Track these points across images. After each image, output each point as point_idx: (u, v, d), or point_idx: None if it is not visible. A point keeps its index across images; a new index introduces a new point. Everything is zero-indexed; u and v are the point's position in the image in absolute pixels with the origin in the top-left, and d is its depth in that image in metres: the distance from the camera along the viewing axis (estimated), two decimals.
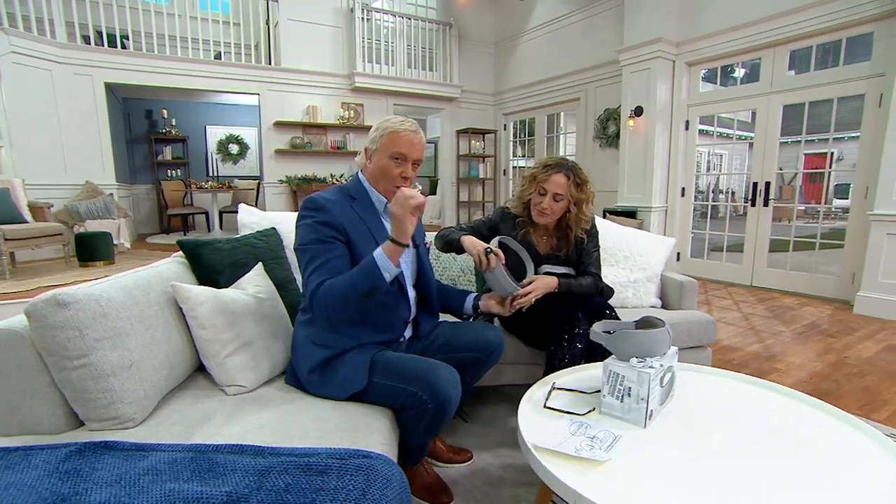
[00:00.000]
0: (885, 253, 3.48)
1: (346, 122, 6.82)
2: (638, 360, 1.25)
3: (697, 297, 2.88)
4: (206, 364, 1.35)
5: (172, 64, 5.92)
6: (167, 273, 1.43)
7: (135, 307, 1.18)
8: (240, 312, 1.40)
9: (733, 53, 4.71)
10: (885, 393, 2.28)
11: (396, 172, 1.37)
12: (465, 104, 8.03)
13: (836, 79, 4.02)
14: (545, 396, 1.35)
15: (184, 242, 1.58)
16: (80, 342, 1.04)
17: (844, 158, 11.24)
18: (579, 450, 1.07)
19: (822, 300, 4.08)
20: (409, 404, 1.25)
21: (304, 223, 1.32)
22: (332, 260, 1.28)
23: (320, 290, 1.24)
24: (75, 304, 1.05)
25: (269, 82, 6.41)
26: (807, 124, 4.37)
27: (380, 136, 1.37)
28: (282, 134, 6.59)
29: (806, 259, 4.71)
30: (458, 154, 8.20)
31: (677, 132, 5.31)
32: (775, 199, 4.58)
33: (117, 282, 1.21)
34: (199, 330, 1.32)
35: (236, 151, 8.98)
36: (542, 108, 7.31)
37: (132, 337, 1.14)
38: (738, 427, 1.19)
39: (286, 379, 1.43)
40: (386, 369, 1.29)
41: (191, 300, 1.32)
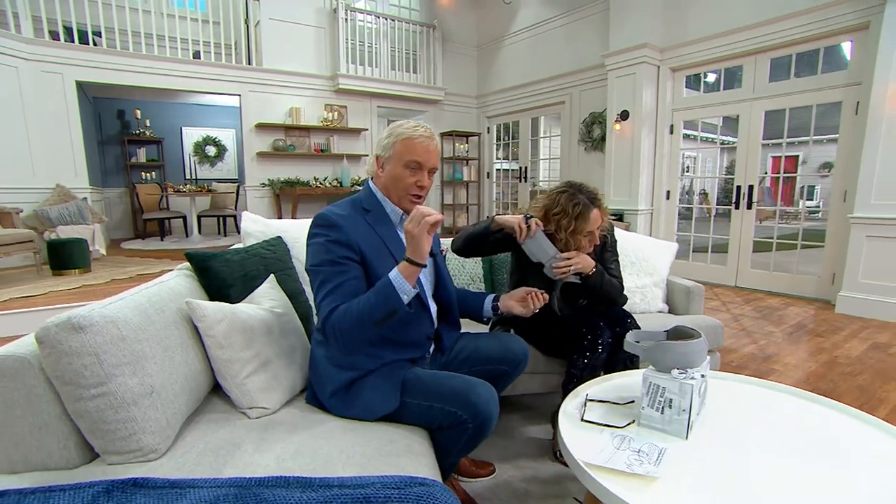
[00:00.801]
0: (864, 254, 3.60)
1: (330, 124, 6.69)
2: (679, 372, 1.24)
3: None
4: (224, 385, 1.26)
5: (148, 63, 5.69)
6: (178, 288, 1.34)
7: (152, 328, 1.09)
8: (258, 329, 1.32)
9: (716, 60, 4.81)
10: (879, 391, 2.34)
11: (412, 181, 1.31)
12: (448, 107, 7.99)
13: (814, 87, 4.15)
14: (580, 409, 1.33)
15: (192, 254, 1.48)
16: (97, 369, 0.95)
17: (809, 162, 11.70)
18: (630, 465, 1.06)
19: (805, 300, 4.20)
20: (447, 424, 1.20)
21: (316, 242, 1.23)
22: (345, 283, 1.19)
23: (333, 316, 1.16)
24: (91, 327, 0.96)
25: (250, 83, 6.23)
26: (775, 129, 4.51)
27: (392, 143, 1.30)
28: (264, 136, 6.42)
29: (782, 259, 4.84)
30: (443, 157, 8.14)
31: (662, 136, 5.39)
32: (752, 201, 4.69)
33: (130, 300, 1.11)
34: (216, 350, 1.24)
35: (214, 154, 8.71)
36: (526, 111, 7.33)
37: (151, 361, 1.05)
38: (774, 433, 1.20)
39: (307, 399, 1.36)
40: (419, 389, 1.24)
41: (207, 318, 1.23)
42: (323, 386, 1.30)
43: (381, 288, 1.16)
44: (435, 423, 1.22)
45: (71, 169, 5.48)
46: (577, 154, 6.54)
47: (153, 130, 8.08)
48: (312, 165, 6.74)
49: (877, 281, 3.55)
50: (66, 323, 0.94)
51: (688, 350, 1.26)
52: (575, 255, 1.64)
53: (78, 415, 0.97)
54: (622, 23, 5.27)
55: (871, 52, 3.61)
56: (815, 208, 10.91)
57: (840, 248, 3.96)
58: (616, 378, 1.55)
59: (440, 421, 1.21)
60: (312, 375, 1.35)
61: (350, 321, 1.15)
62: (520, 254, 1.86)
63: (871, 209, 3.53)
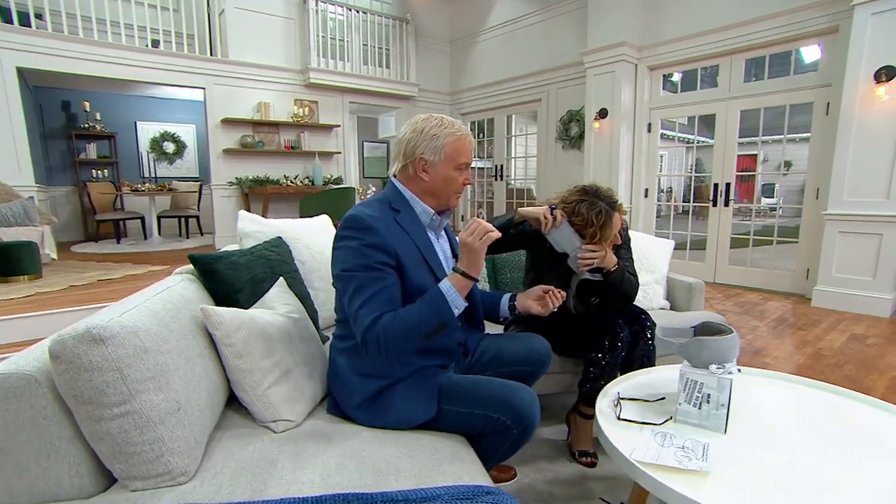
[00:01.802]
0: (837, 249, 3.81)
1: (300, 119, 6.52)
2: (717, 367, 1.26)
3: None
4: (244, 398, 1.19)
5: (100, 50, 5.35)
6: (187, 294, 1.25)
7: (171, 338, 1.02)
8: (277, 337, 1.26)
9: (693, 59, 4.98)
10: (866, 380, 2.47)
11: (461, 181, 1.30)
12: (421, 103, 7.94)
13: (787, 87, 4.36)
14: (613, 408, 1.33)
15: (197, 257, 1.39)
16: (120, 385, 0.87)
17: (769, 160, 12.31)
18: (681, 461, 1.07)
19: (781, 295, 4.40)
20: (489, 430, 1.18)
21: (348, 245, 1.17)
22: (384, 290, 1.14)
23: (378, 326, 1.10)
24: (113, 339, 0.88)
25: (215, 76, 5.98)
26: (742, 128, 4.75)
27: (442, 144, 1.25)
28: (230, 132, 6.18)
29: (751, 255, 5.07)
30: None
31: (640, 134, 5.54)
32: (730, 199, 4.89)
33: (145, 308, 1.03)
34: (235, 360, 1.16)
35: (172, 150, 8.32)
36: (502, 108, 7.38)
37: (175, 374, 0.97)
38: (809, 425, 1.25)
39: (328, 409, 1.31)
40: (457, 395, 1.21)
41: (224, 326, 1.16)
42: (348, 396, 1.25)
43: (432, 299, 1.14)
44: (476, 430, 1.20)
45: (13, 165, 5.09)
46: (554, 152, 6.63)
47: (104, 125, 7.64)
48: (282, 163, 6.55)
49: (849, 275, 3.76)
50: (86, 335, 0.85)
51: (724, 345, 1.28)
52: (599, 248, 1.64)
53: (97, 437, 0.88)
54: (600, 20, 5.38)
55: (841, 55, 3.82)
56: (773, 205, 11.48)
57: (813, 244, 4.18)
58: (637, 376, 1.58)
59: (482, 427, 1.18)
60: (335, 385, 1.30)
61: (398, 332, 1.10)
62: (535, 252, 1.85)
63: (843, 206, 3.73)
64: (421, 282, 1.21)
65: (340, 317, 1.30)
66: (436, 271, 1.27)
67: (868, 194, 3.60)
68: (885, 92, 3.40)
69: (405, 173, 1.30)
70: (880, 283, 3.62)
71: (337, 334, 1.33)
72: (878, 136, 3.52)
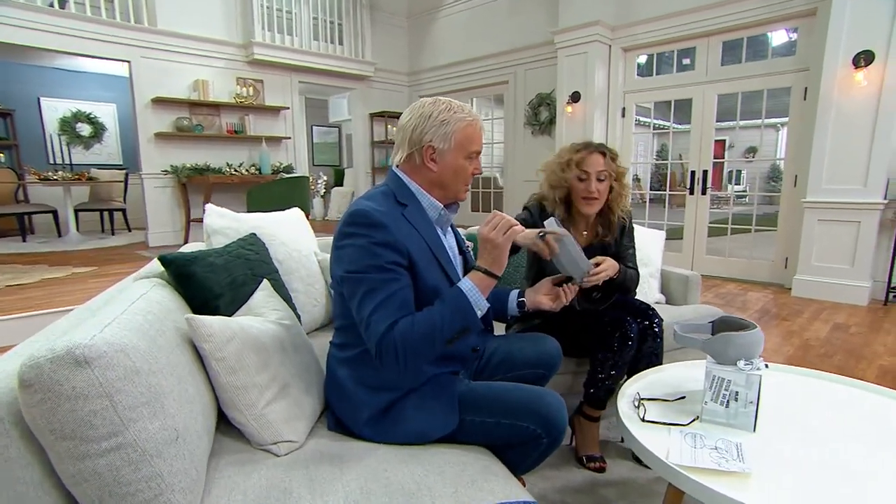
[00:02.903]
0: (816, 237, 4.05)
1: (244, 100, 6.26)
2: (745, 363, 1.30)
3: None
4: (237, 418, 1.12)
5: None
6: (165, 302, 1.16)
7: (161, 355, 0.93)
8: (272, 347, 1.19)
9: (668, 41, 5.14)
10: (855, 370, 2.65)
11: (470, 170, 1.27)
12: (378, 84, 7.82)
13: (764, 71, 4.58)
14: (635, 409, 1.35)
15: (170, 259, 1.29)
16: (111, 414, 0.79)
17: (735, 146, 13.00)
18: (719, 463, 1.10)
19: (760, 285, 4.65)
20: (517, 440, 1.18)
21: (354, 244, 1.12)
22: (398, 293, 1.10)
23: (395, 332, 1.06)
24: (100, 359, 0.79)
25: (142, 47, 5.62)
26: (726, 113, 4.98)
27: (452, 130, 1.21)
28: (163, 113, 5.84)
29: (723, 245, 5.35)
30: (373, 140, 7.97)
31: (614, 119, 5.68)
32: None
33: (126, 321, 0.94)
34: (228, 376, 1.09)
35: (88, 133, 7.79)
36: (465, 91, 7.37)
37: (170, 397, 0.89)
38: (836, 420, 1.31)
39: (329, 426, 1.26)
40: (479, 404, 1.20)
41: (214, 338, 1.08)
42: (354, 411, 1.21)
43: (453, 301, 1.11)
44: (502, 441, 1.19)
45: None
46: (522, 138, 6.69)
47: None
48: (225, 149, 6.27)
49: (828, 264, 4.01)
50: (67, 357, 0.76)
51: (749, 340, 1.32)
52: (605, 266, 1.64)
53: (81, 479, 0.79)
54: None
55: (819, 39, 4.05)
56: (742, 192, 12.16)
57: (792, 233, 4.43)
58: (650, 375, 1.61)
59: (509, 437, 1.18)
60: (336, 400, 1.25)
61: (417, 338, 1.07)
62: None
63: (822, 193, 3.97)
64: (434, 282, 1.18)
65: (341, 324, 1.25)
66: (448, 271, 1.25)
67: (846, 181, 3.85)
68: (863, 77, 3.64)
69: (410, 163, 1.26)
70: (858, 271, 3.89)
71: (337, 343, 1.28)
72: (856, 122, 3.76)
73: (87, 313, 1.10)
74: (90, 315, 1.04)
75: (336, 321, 1.28)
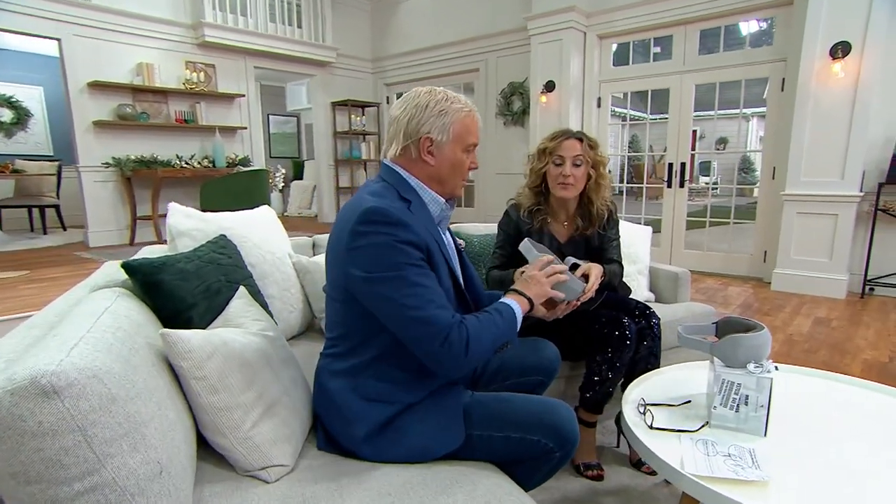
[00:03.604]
0: (795, 230, 4.21)
1: (195, 87, 6.02)
2: (755, 366, 1.31)
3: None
4: (220, 443, 1.05)
5: None
6: (133, 315, 1.08)
7: (137, 378, 0.86)
8: (256, 363, 1.13)
9: (645, 28, 5.22)
10: (840, 365, 2.75)
11: (468, 164, 1.26)
12: (340, 71, 7.67)
13: (741, 61, 4.71)
14: (640, 416, 1.35)
15: (135, 266, 1.20)
16: (84, 451, 0.72)
17: (706, 137, 13.40)
18: (736, 471, 1.11)
19: (740, 279, 4.80)
20: (528, 455, 1.16)
21: (375, 242, 1.08)
22: (439, 289, 1.13)
23: (468, 325, 1.10)
24: (70, 388, 0.72)
25: (75, 24, 5.30)
26: (699, 103, 5.13)
27: (451, 122, 1.19)
28: (102, 99, 5.55)
29: (700, 238, 5.52)
30: (336, 131, 7.82)
31: (590, 110, 5.74)
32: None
33: (94, 340, 0.86)
34: (209, 396, 1.02)
35: (10, 119, 7.31)
36: (433, 79, 7.31)
37: (151, 426, 0.82)
38: (847, 422, 1.34)
39: (319, 445, 1.21)
40: (486, 417, 1.18)
41: (193, 354, 1.01)
42: (350, 427, 1.16)
43: (508, 314, 1.17)
44: (512, 456, 1.17)
45: None
46: (494, 128, 6.69)
47: None
48: (174, 140, 6.03)
49: (808, 257, 4.17)
50: (31, 387, 0.69)
51: (759, 342, 1.33)
52: (589, 269, 1.62)
53: None
54: None
55: (797, 29, 4.19)
56: (713, 185, 12.54)
57: (770, 226, 4.58)
58: (650, 378, 1.62)
59: (519, 452, 1.16)
60: (328, 415, 1.20)
61: (486, 337, 1.12)
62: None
63: (801, 186, 4.12)
64: (446, 284, 1.17)
65: (342, 332, 1.20)
66: (455, 271, 1.24)
67: (824, 174, 4.00)
68: (840, 69, 3.78)
69: (406, 156, 1.22)
70: (836, 264, 4.05)
71: (331, 353, 1.23)
72: (833, 114, 3.90)
73: (40, 330, 1.00)
74: (46, 332, 0.96)
75: (333, 329, 1.23)
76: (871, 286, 4.12)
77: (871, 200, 4.00)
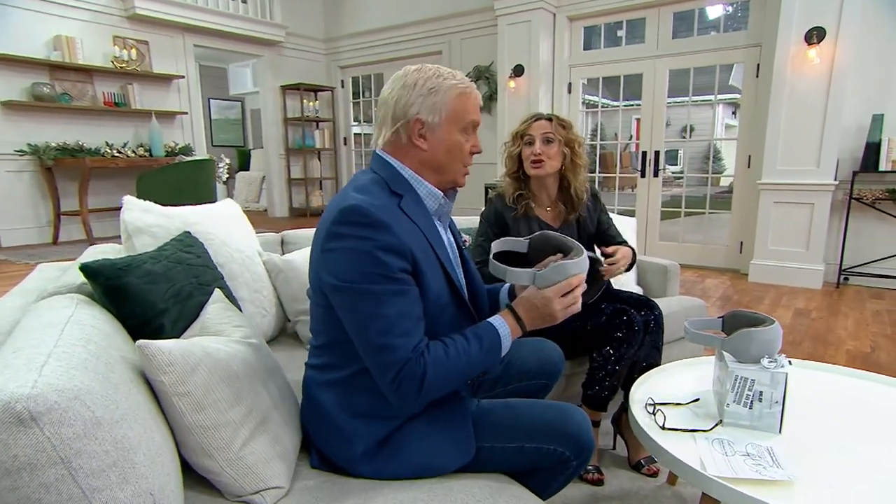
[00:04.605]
0: (772, 220, 4.38)
1: (125, 65, 5.73)
2: (769, 361, 1.34)
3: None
4: (207, 466, 0.99)
5: None
6: (101, 326, 1.01)
7: (119, 398, 0.80)
8: (244, 375, 1.07)
9: (617, 10, 5.31)
10: (825, 357, 2.89)
11: (468, 148, 1.20)
12: (289, 52, 7.49)
13: (716, 46, 4.86)
14: (651, 417, 1.36)
15: (96, 268, 1.12)
16: (69, 486, 0.66)
17: (672, 125, 13.82)
18: (759, 472, 1.13)
19: (717, 271, 4.97)
20: (544, 465, 1.15)
21: (350, 247, 1.03)
22: (412, 308, 1.05)
23: (426, 359, 1.02)
24: (50, 413, 0.66)
25: None
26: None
27: (443, 100, 1.13)
28: (12, 76, 5.22)
29: (671, 229, 5.71)
30: (286, 117, 7.62)
31: (560, 95, 5.81)
32: (659, 169, 5.38)
33: (66, 356, 0.79)
34: (194, 414, 0.96)
35: None
36: (392, 61, 7.24)
37: (139, 451, 0.76)
38: (861, 417, 1.39)
39: (312, 463, 1.17)
40: (497, 428, 1.16)
41: (175, 368, 0.94)
42: (345, 444, 1.12)
43: (490, 343, 1.10)
44: (526, 466, 1.16)
45: None
46: None
47: None
48: (103, 125, 5.73)
49: (784, 247, 4.36)
50: (3, 414, 0.62)
51: (771, 336, 1.37)
52: (621, 256, 1.76)
53: None
54: None
55: (772, 13, 4.35)
56: (679, 174, 12.92)
57: (747, 216, 4.76)
58: (653, 376, 1.65)
59: (534, 463, 1.15)
60: (319, 432, 1.17)
61: (447, 373, 1.05)
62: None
63: (777, 175, 4.30)
64: (437, 289, 1.12)
65: (324, 341, 1.15)
66: (450, 274, 1.18)
67: (800, 162, 4.19)
68: (815, 55, 3.95)
69: (396, 143, 1.17)
70: (812, 254, 4.25)
71: (317, 364, 1.18)
72: (809, 100, 4.08)
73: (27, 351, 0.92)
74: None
75: (316, 338, 1.17)
76: (845, 276, 4.34)
77: (846, 189, 4.21)
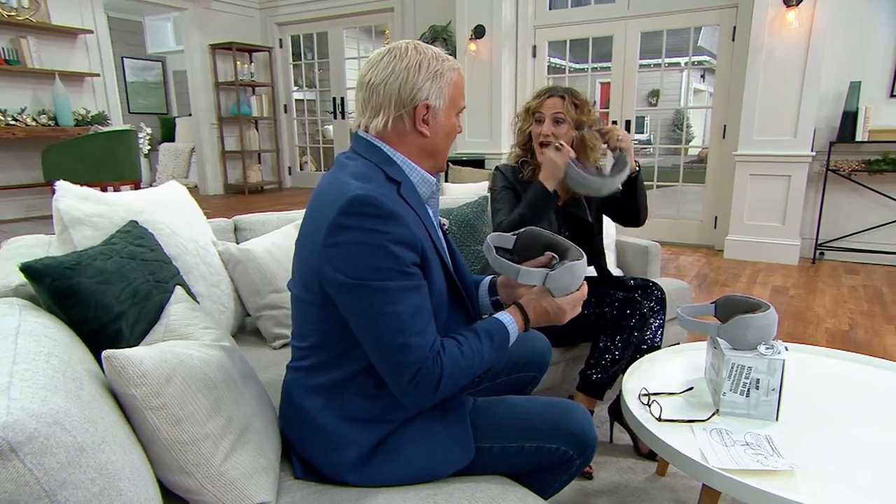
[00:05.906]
0: (748, 194, 4.58)
1: (15, 15, 5.37)
2: (766, 347, 1.42)
3: None
4: (185, 484, 0.98)
5: None
6: (57, 335, 0.98)
7: (96, 417, 0.79)
8: (220, 382, 1.07)
9: None
10: (805, 335, 3.08)
11: (457, 131, 1.26)
12: (219, 5, 7.22)
13: (690, 6, 4.97)
14: (646, 408, 1.43)
15: (41, 268, 1.07)
16: None
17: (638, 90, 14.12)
18: (761, 462, 1.21)
19: (691, 248, 5.17)
20: (546, 465, 1.20)
21: (366, 241, 1.03)
22: (424, 304, 1.08)
23: (444, 358, 1.06)
24: (30, 442, 0.64)
25: None
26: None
27: (447, 83, 1.16)
28: None
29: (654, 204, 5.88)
30: (217, 81, 7.37)
31: (524, 60, 5.83)
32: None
33: (32, 375, 0.77)
34: (171, 429, 0.95)
35: None
36: (336, 18, 7.10)
37: (124, 476, 0.76)
38: (857, 402, 1.50)
39: (296, 474, 1.18)
40: (495, 427, 1.20)
41: (148, 379, 0.93)
42: (333, 452, 1.14)
43: (497, 337, 1.15)
44: (528, 467, 1.20)
45: None
46: None
47: None
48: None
49: (761, 222, 4.57)
50: None
51: (767, 322, 1.46)
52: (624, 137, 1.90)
53: None
54: None
55: None
56: (646, 142, 13.27)
57: (722, 189, 4.95)
58: (643, 365, 1.74)
59: (535, 463, 1.20)
60: (306, 439, 1.18)
61: (462, 370, 1.09)
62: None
63: (753, 145, 4.48)
64: (438, 282, 1.15)
65: (314, 342, 1.15)
66: (446, 261, 1.21)
67: (777, 132, 4.37)
68: (794, 17, 4.10)
69: (396, 129, 1.17)
70: (789, 228, 4.48)
71: (303, 366, 1.18)
72: (787, 66, 4.25)
73: None
74: None
75: (302, 339, 1.18)
76: (820, 251, 4.60)
77: (822, 161, 4.43)
